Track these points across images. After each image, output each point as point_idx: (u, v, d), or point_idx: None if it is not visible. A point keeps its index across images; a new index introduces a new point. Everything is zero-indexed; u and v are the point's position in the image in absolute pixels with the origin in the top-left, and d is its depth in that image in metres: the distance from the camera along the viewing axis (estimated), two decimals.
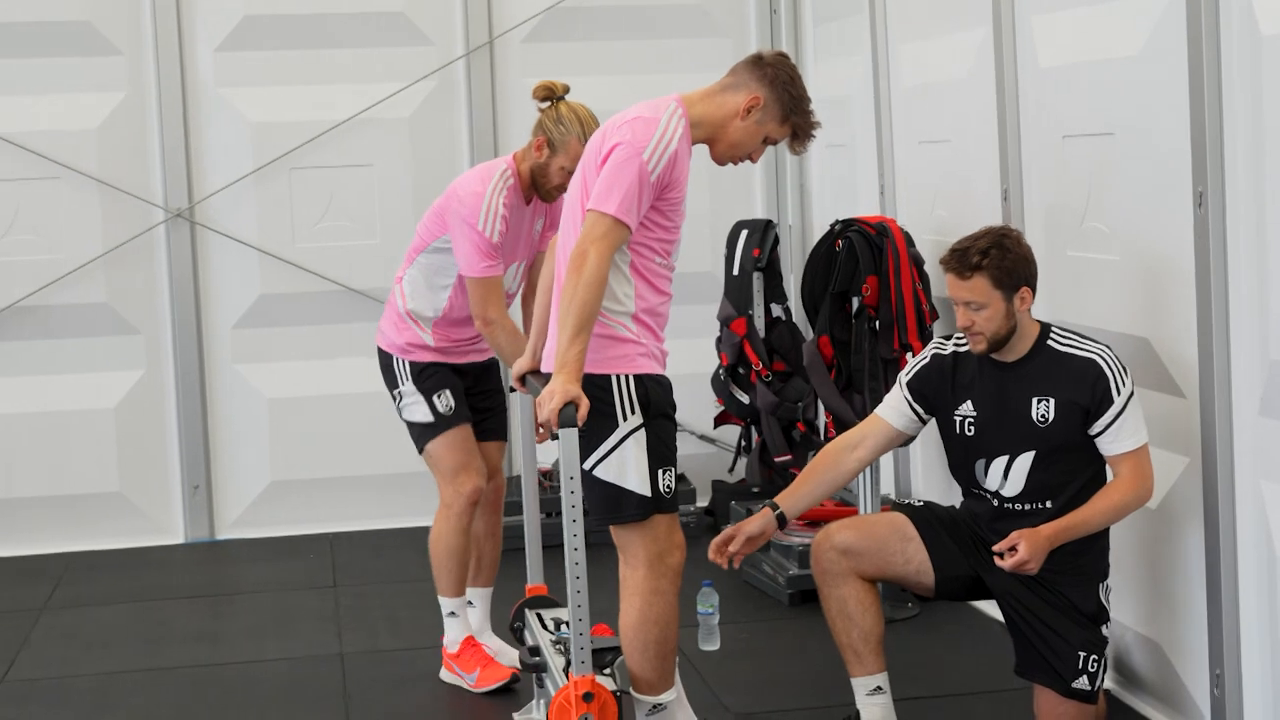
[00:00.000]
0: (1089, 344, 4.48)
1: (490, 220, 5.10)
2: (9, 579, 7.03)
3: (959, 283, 4.49)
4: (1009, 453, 4.54)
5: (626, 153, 4.18)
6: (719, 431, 7.64)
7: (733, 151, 4.44)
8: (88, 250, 7.40)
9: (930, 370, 4.72)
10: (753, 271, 7.04)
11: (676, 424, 4.43)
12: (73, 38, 7.35)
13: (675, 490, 4.29)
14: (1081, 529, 4.45)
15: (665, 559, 4.29)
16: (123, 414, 7.52)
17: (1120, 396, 4.40)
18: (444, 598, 5.42)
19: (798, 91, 4.43)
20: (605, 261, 4.15)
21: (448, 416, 5.35)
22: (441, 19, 7.63)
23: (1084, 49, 5.03)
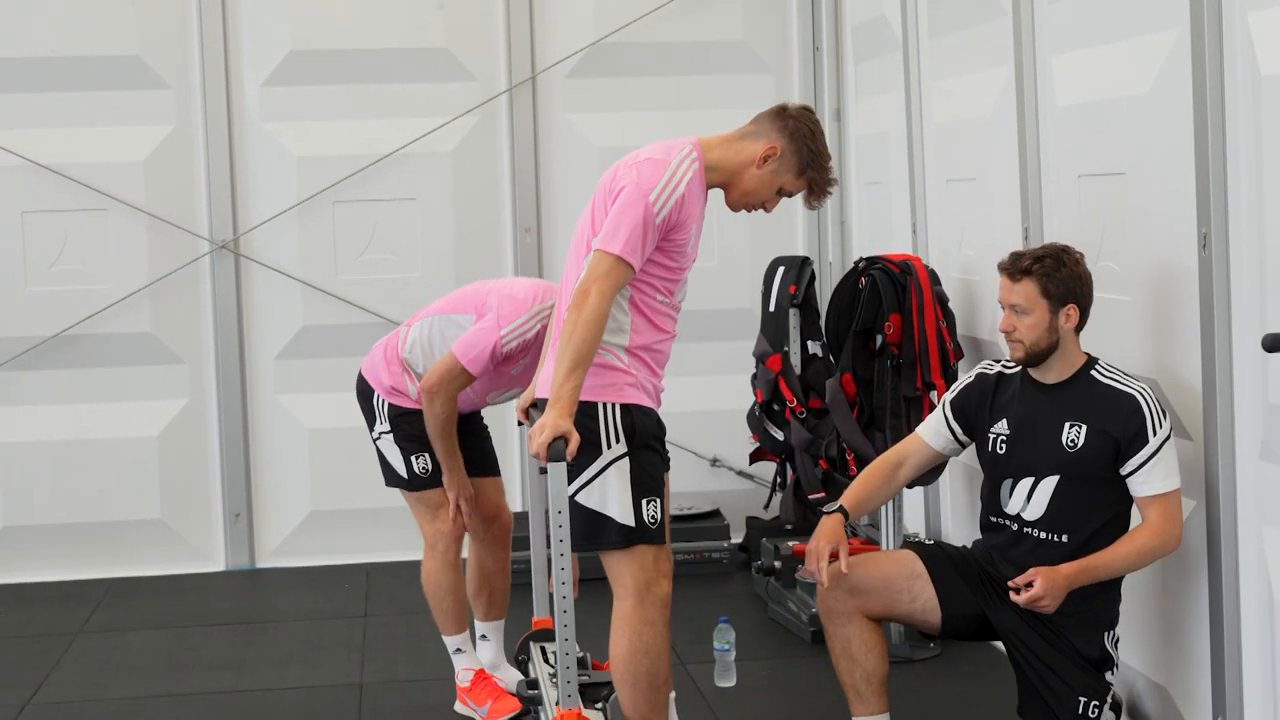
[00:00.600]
0: (1132, 381, 4.46)
1: (515, 334, 5.11)
2: (50, 603, 7.14)
3: (1009, 285, 4.52)
4: (1035, 475, 4.52)
5: (633, 194, 4.21)
6: (755, 468, 7.64)
7: (746, 199, 4.45)
8: (134, 280, 7.52)
9: (973, 388, 4.75)
10: (789, 308, 7.04)
11: (666, 457, 4.44)
12: (122, 72, 7.48)
13: (661, 521, 4.31)
14: (1103, 571, 4.41)
15: (653, 588, 4.31)
16: (166, 442, 7.63)
17: (1155, 437, 4.36)
18: (447, 636, 5.46)
19: (817, 146, 4.43)
20: (606, 301, 4.18)
21: (422, 478, 5.38)
22: (485, 54, 7.70)
23: (1097, 88, 5.02)
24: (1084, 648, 4.48)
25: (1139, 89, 4.72)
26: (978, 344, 6.10)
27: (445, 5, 7.66)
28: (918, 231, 6.63)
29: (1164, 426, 4.37)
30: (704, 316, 7.69)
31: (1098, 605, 4.50)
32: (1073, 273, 4.50)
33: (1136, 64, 4.73)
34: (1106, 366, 4.52)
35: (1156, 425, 4.37)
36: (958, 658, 5.88)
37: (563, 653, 4.14)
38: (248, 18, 7.56)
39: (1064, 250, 4.54)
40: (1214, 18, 4.29)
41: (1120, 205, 4.90)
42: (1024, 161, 5.53)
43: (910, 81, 6.63)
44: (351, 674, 6.02)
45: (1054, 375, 4.54)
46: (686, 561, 7.23)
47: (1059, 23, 5.29)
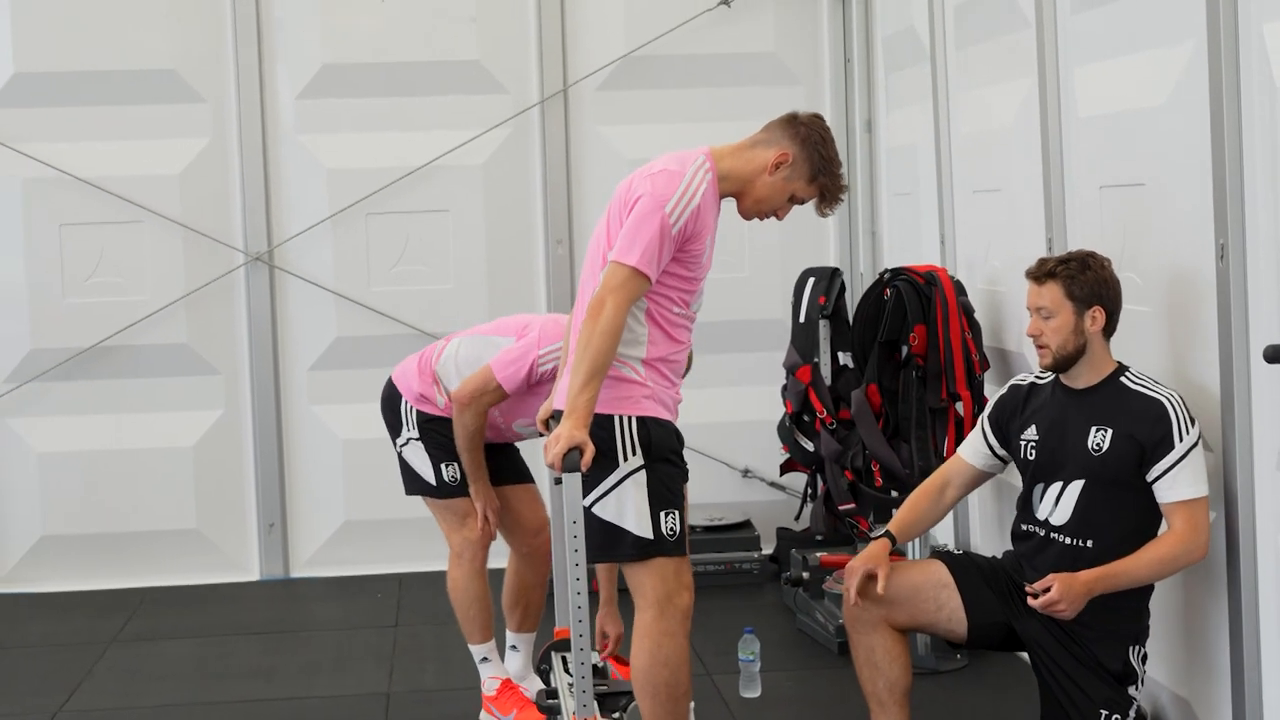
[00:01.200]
0: (1160, 387, 4.46)
1: (552, 355, 5.13)
2: (85, 612, 7.22)
3: (1035, 288, 4.54)
4: (1062, 479, 4.53)
5: (649, 205, 4.23)
6: (786, 479, 7.65)
7: (758, 207, 4.47)
8: (169, 292, 7.60)
9: (1007, 400, 4.77)
10: (819, 319, 7.04)
11: (684, 469, 4.44)
12: (158, 85, 7.56)
13: (681, 533, 4.32)
14: (1124, 579, 4.40)
15: (674, 600, 4.32)
16: (201, 453, 7.70)
17: (1182, 443, 4.35)
18: (474, 645, 5.48)
19: (828, 153, 4.44)
20: (621, 312, 4.20)
21: (451, 486, 5.40)
22: (516, 67, 7.75)
23: (1118, 100, 5.02)
24: (1107, 660, 4.47)
25: (1157, 100, 4.72)
26: (1004, 355, 6.10)
27: (477, 19, 7.71)
28: (946, 242, 6.63)
29: (1191, 433, 4.36)
30: (735, 328, 7.74)
31: (1122, 618, 4.49)
32: (1098, 276, 4.51)
33: (1155, 75, 4.73)
34: (1136, 374, 4.52)
35: (1183, 431, 4.36)
36: (984, 669, 5.88)
37: (578, 662, 4.16)
38: (282, 32, 7.63)
39: (1090, 255, 4.56)
40: (1230, 29, 4.29)
41: (1140, 216, 4.90)
42: (1047, 172, 5.53)
43: (938, 93, 6.63)
44: (380, 683, 6.07)
45: (1083, 380, 4.55)
46: (717, 572, 7.25)
47: (1081, 34, 5.30)
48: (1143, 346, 4.92)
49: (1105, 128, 5.12)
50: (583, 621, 4.16)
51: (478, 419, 5.22)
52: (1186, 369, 4.68)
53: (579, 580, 4.16)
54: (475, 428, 5.22)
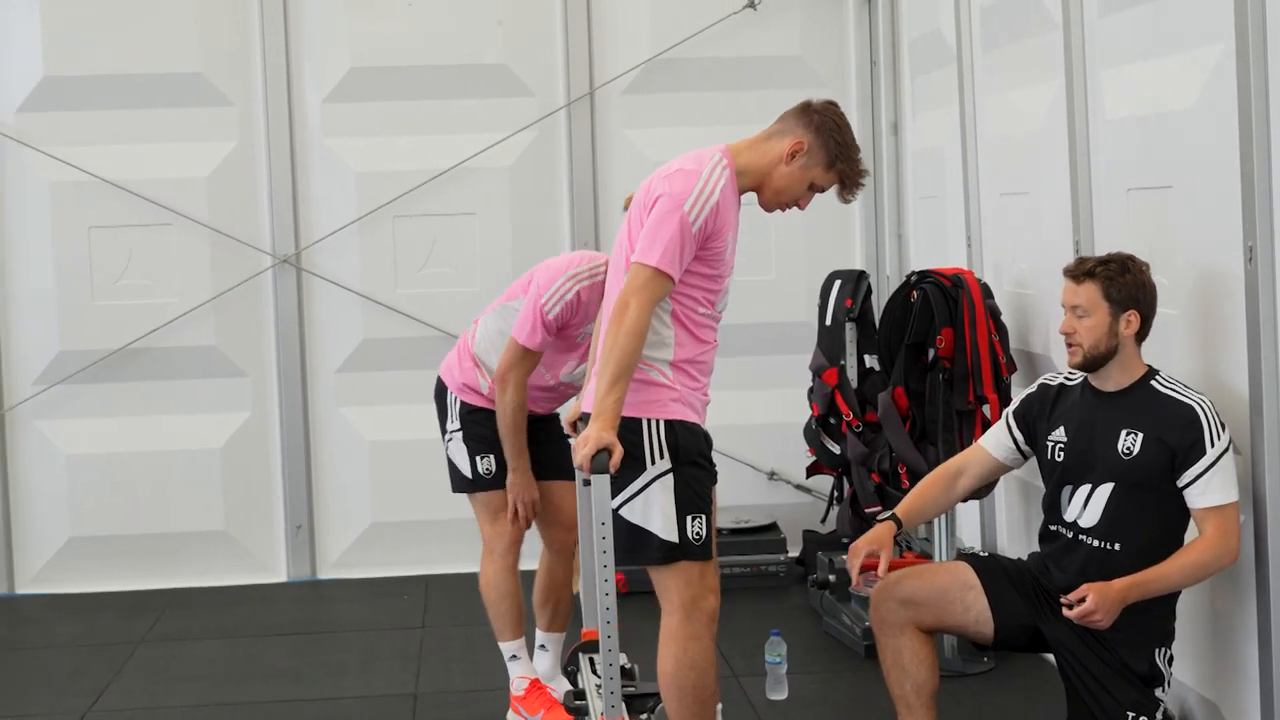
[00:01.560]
0: (1191, 392, 4.44)
1: (554, 299, 5.17)
2: (114, 612, 7.25)
3: (1072, 287, 4.53)
4: (1091, 481, 4.52)
5: (668, 205, 4.24)
6: (813, 481, 7.65)
7: (779, 198, 4.46)
8: (197, 294, 7.63)
9: (1035, 397, 4.77)
10: (845, 322, 7.04)
11: (713, 472, 4.44)
12: (186, 89, 7.60)
13: (707, 537, 4.32)
14: (1157, 585, 4.39)
15: (699, 604, 4.33)
16: (229, 454, 7.73)
17: (1213, 449, 4.34)
18: (503, 642, 5.50)
19: (844, 138, 4.43)
20: (645, 312, 4.20)
21: (485, 479, 5.43)
22: (543, 70, 7.77)
23: (1145, 102, 5.02)
24: (1134, 663, 4.46)
25: (1186, 102, 4.71)
26: (1031, 358, 6.10)
27: (504, 22, 7.73)
28: (973, 245, 6.63)
29: (1222, 439, 4.35)
30: (761, 330, 7.75)
31: (1149, 621, 4.48)
32: (1137, 280, 4.50)
33: (1183, 78, 4.73)
34: (1167, 378, 4.51)
35: (1215, 437, 4.34)
36: (1011, 672, 5.87)
37: (606, 663, 4.17)
38: (309, 35, 7.66)
39: (1130, 258, 4.54)
40: (1259, 31, 4.28)
41: (1168, 218, 4.89)
42: (1075, 175, 5.52)
43: (965, 95, 6.63)
44: (406, 684, 6.09)
45: (1113, 383, 4.54)
46: (743, 574, 7.25)
47: (1109, 36, 5.29)
48: (1170, 349, 4.91)
49: (1133, 130, 5.12)
50: (610, 623, 4.17)
51: (518, 393, 5.24)
52: (1214, 372, 4.67)
53: (607, 581, 4.16)
54: (516, 404, 5.24)
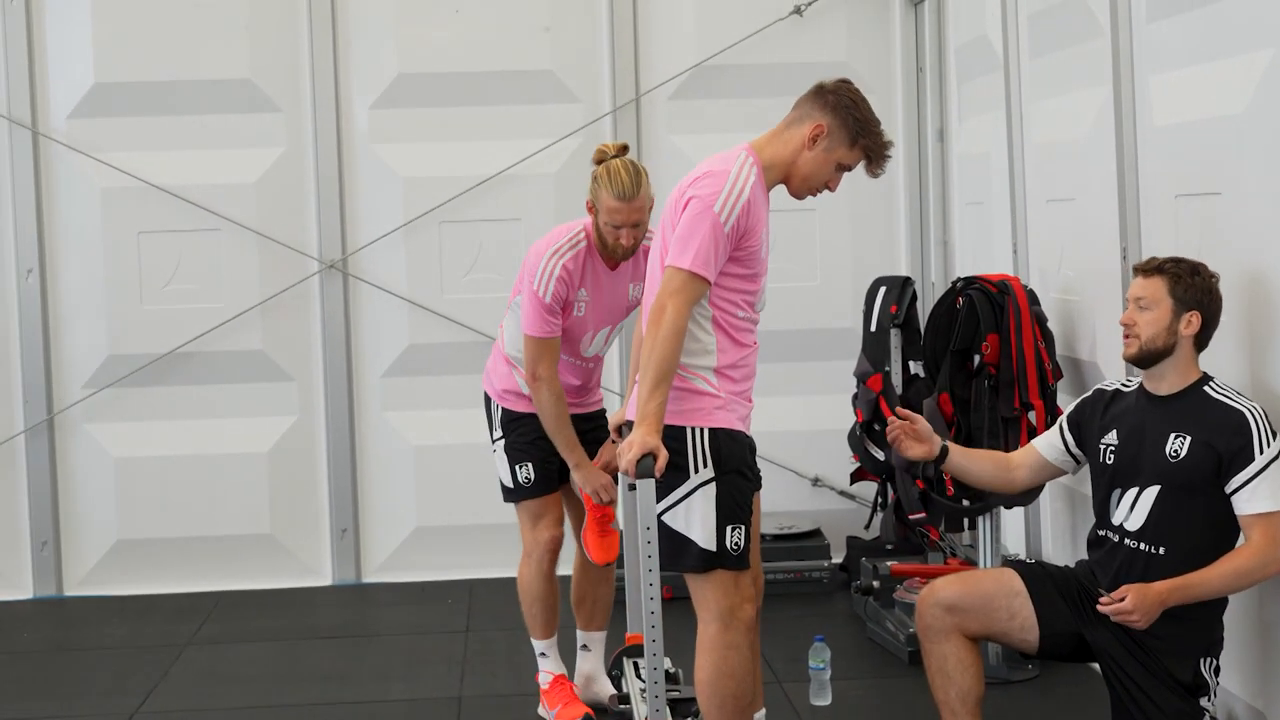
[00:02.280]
0: (1243, 399, 4.43)
1: (544, 282, 5.22)
2: (161, 615, 7.30)
3: (1140, 280, 4.53)
4: (1139, 485, 4.51)
5: (699, 207, 4.25)
6: (857, 488, 7.65)
7: (807, 185, 4.46)
8: (245, 299, 7.68)
9: (1089, 401, 4.78)
10: (890, 328, 7.02)
11: (756, 478, 4.45)
12: (235, 95, 7.65)
13: (745, 548, 4.32)
14: (1199, 590, 4.37)
15: (736, 613, 4.34)
16: (275, 458, 7.77)
17: (1262, 455, 4.32)
18: (534, 640, 5.62)
19: (862, 114, 4.43)
20: (682, 315, 4.22)
21: (525, 488, 5.50)
22: (589, 77, 7.79)
23: (1194, 108, 5.00)
24: (1179, 672, 4.44)
25: (1235, 108, 4.70)
26: (1077, 365, 6.08)
27: (551, 28, 7.75)
28: (1018, 252, 6.61)
29: (1273, 445, 4.33)
30: (806, 336, 7.75)
31: (1194, 630, 4.46)
32: (1205, 284, 4.50)
33: (1232, 83, 4.71)
34: (1221, 385, 4.49)
35: (1265, 443, 4.32)
36: (1055, 680, 5.85)
37: (651, 667, 4.18)
38: (357, 42, 7.70)
39: (1202, 265, 4.54)
40: None
41: (1217, 225, 4.87)
42: (1122, 181, 5.51)
43: (1011, 101, 6.62)
44: (451, 688, 6.11)
45: (1167, 386, 4.53)
46: (787, 580, 7.25)
47: (1156, 43, 5.27)
48: (1219, 355, 4.88)
49: (1181, 136, 5.10)
50: (655, 627, 4.19)
51: (552, 386, 5.29)
52: (1263, 378, 4.65)
53: (652, 586, 4.18)
54: (553, 398, 5.29)
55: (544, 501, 5.51)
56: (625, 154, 5.28)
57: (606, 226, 5.20)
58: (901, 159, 7.90)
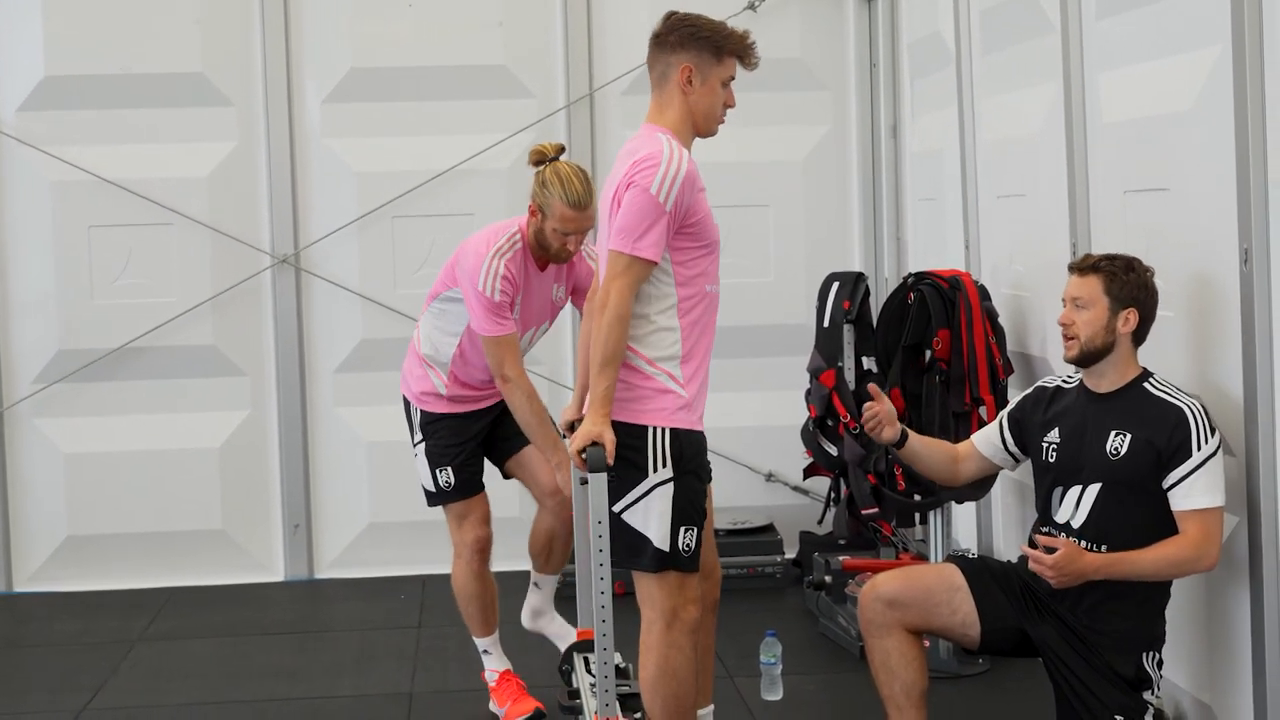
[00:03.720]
0: (1183, 395, 4.45)
1: (490, 281, 5.19)
2: (111, 611, 7.26)
3: (1076, 280, 4.55)
4: (1081, 482, 4.53)
5: (636, 193, 4.25)
6: (810, 483, 7.66)
7: (710, 118, 4.46)
8: (197, 294, 7.64)
9: (1029, 399, 4.80)
10: (843, 323, 7.04)
11: (707, 485, 4.45)
12: (187, 89, 7.61)
13: (696, 549, 4.33)
14: (1128, 568, 4.38)
15: (680, 614, 4.35)
16: (227, 454, 7.74)
17: (1200, 452, 4.34)
18: (476, 638, 5.66)
19: (708, 28, 4.42)
20: (625, 299, 4.22)
21: (446, 492, 5.55)
22: (542, 72, 7.78)
23: (1142, 104, 5.03)
24: (1121, 667, 4.46)
25: (1183, 105, 4.72)
26: (1028, 360, 6.11)
27: (504, 23, 7.74)
28: (970, 247, 6.64)
29: (1210, 442, 4.35)
30: (760, 332, 7.76)
31: (1136, 625, 4.47)
32: (1140, 280, 4.52)
33: (1180, 80, 4.74)
34: (1161, 380, 4.52)
35: (1202, 440, 4.35)
36: (1005, 674, 5.88)
37: (601, 662, 4.18)
38: (309, 36, 7.67)
39: (1136, 260, 4.56)
40: (1255, 34, 4.29)
41: (1165, 221, 4.90)
42: (1072, 177, 5.53)
43: (963, 98, 6.64)
44: (402, 683, 6.10)
45: (1107, 384, 4.55)
46: (740, 576, 7.26)
47: (1106, 39, 5.30)
48: (1166, 351, 4.92)
49: (1130, 133, 5.13)
50: (606, 621, 4.18)
51: (522, 386, 5.27)
52: (1209, 373, 4.68)
53: (603, 580, 4.18)
54: (525, 398, 5.27)
55: (467, 502, 5.55)
56: (562, 155, 5.26)
57: (555, 232, 5.18)
58: (855, 155, 7.94)
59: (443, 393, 5.47)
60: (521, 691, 5.57)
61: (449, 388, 5.47)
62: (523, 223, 5.32)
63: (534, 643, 6.16)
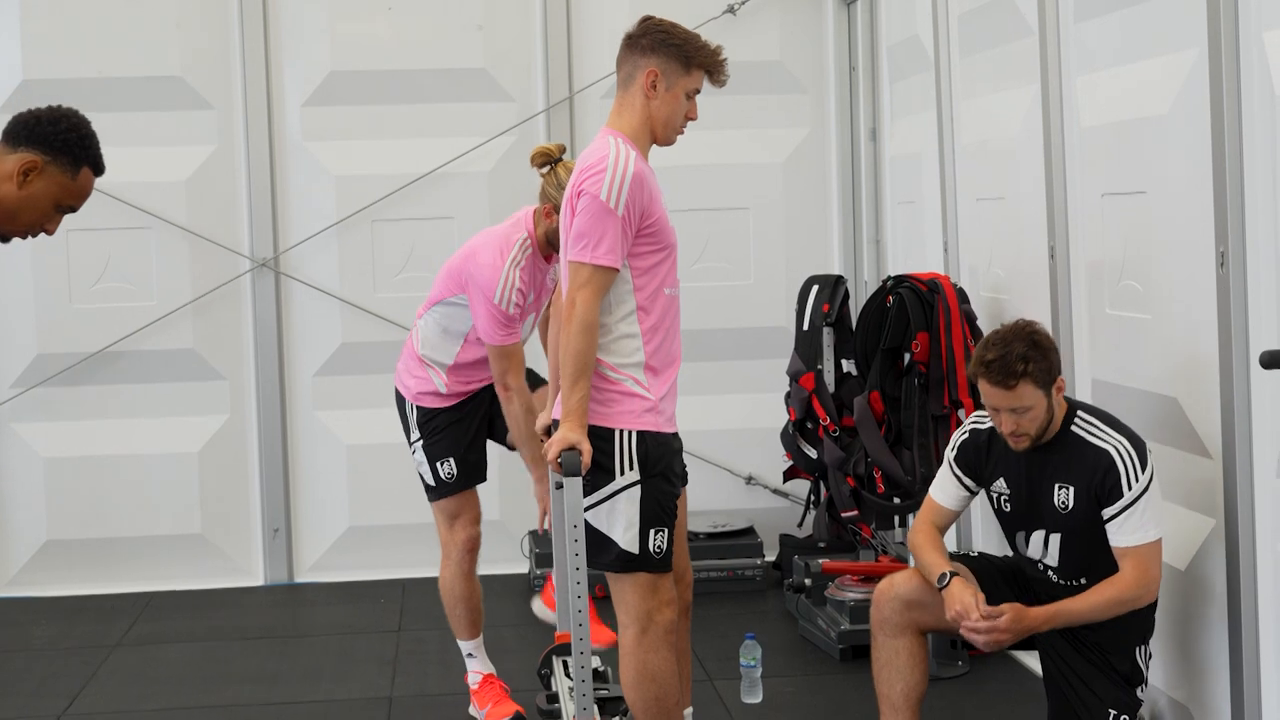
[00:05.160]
0: (1109, 434, 4.45)
1: (506, 294, 5.19)
2: (90, 616, 7.24)
3: (1003, 394, 4.45)
4: (1042, 528, 4.59)
5: (586, 200, 4.23)
6: (790, 486, 7.67)
7: (669, 127, 4.42)
8: (176, 298, 7.62)
9: (969, 445, 4.78)
10: (822, 327, 7.05)
11: (681, 477, 4.45)
12: (165, 92, 7.60)
13: (668, 551, 4.32)
14: (1073, 618, 4.47)
15: (655, 617, 4.34)
16: (206, 458, 7.72)
17: (1130, 492, 4.38)
18: (461, 641, 5.62)
19: (681, 37, 4.41)
20: (592, 308, 4.21)
21: (448, 484, 5.52)
22: (522, 75, 7.78)
23: (1120, 108, 5.04)
24: (1117, 661, 4.50)
25: (1160, 109, 4.74)
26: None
27: (483, 26, 7.73)
28: (949, 250, 6.64)
29: (1140, 479, 4.37)
30: (739, 335, 7.77)
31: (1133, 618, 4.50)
32: (1050, 347, 4.48)
33: (1157, 84, 4.75)
34: (1085, 416, 4.51)
35: (1132, 480, 4.37)
36: (985, 676, 5.89)
37: (578, 665, 4.18)
38: (289, 39, 7.66)
39: (1031, 331, 4.48)
40: (1230, 38, 4.30)
41: (1142, 224, 4.92)
42: (1050, 180, 5.54)
43: (942, 101, 6.65)
44: (382, 688, 6.09)
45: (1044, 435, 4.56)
46: (720, 579, 7.26)
47: (1084, 43, 5.31)
48: (1143, 353, 4.94)
49: (1108, 136, 5.14)
50: (583, 625, 4.18)
51: (522, 398, 5.27)
52: (1188, 375, 4.69)
53: (579, 584, 4.18)
54: (523, 410, 5.27)
55: (461, 500, 5.53)
56: (564, 154, 5.27)
57: None
58: (834, 158, 7.95)
59: (443, 391, 5.47)
60: (503, 695, 5.57)
61: (449, 386, 5.46)
62: (528, 223, 5.32)
63: (514, 646, 6.18)
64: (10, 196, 3.67)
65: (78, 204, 3.82)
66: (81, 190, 3.78)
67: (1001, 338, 4.48)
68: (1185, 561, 4.74)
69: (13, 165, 3.65)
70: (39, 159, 3.66)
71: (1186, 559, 4.74)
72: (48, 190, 3.71)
